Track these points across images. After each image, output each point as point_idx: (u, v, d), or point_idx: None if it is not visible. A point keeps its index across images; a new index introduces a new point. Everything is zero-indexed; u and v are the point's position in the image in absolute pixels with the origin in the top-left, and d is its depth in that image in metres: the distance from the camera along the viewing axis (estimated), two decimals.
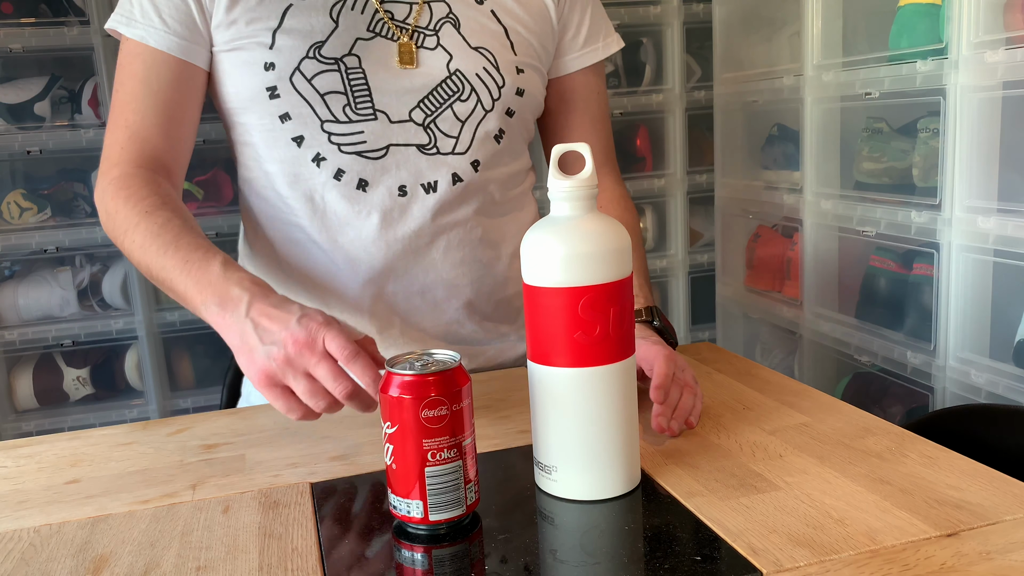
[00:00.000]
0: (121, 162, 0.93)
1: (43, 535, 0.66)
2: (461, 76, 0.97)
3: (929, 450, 0.71)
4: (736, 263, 2.11)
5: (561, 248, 0.62)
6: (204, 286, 0.80)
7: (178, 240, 0.85)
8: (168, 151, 0.95)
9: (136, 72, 0.93)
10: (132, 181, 0.91)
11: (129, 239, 0.88)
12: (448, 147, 0.97)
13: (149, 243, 0.86)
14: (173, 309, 2.20)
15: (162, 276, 0.85)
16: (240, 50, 0.93)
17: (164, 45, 0.92)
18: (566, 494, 0.65)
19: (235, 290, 0.78)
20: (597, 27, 1.09)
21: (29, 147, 2.05)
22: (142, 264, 0.87)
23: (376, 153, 0.95)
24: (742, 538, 0.58)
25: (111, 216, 0.91)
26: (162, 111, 0.93)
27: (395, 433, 0.60)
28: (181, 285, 0.82)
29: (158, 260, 0.85)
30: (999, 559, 0.54)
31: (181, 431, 0.87)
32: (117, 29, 0.94)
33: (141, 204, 0.88)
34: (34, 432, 2.14)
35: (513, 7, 1.01)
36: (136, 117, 0.93)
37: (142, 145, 0.93)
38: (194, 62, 0.94)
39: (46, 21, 2.05)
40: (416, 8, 0.97)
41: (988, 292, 1.34)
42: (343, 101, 0.94)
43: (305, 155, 0.95)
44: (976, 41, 1.27)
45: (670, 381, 0.77)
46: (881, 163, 1.54)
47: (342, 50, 0.94)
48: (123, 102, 0.94)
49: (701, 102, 2.37)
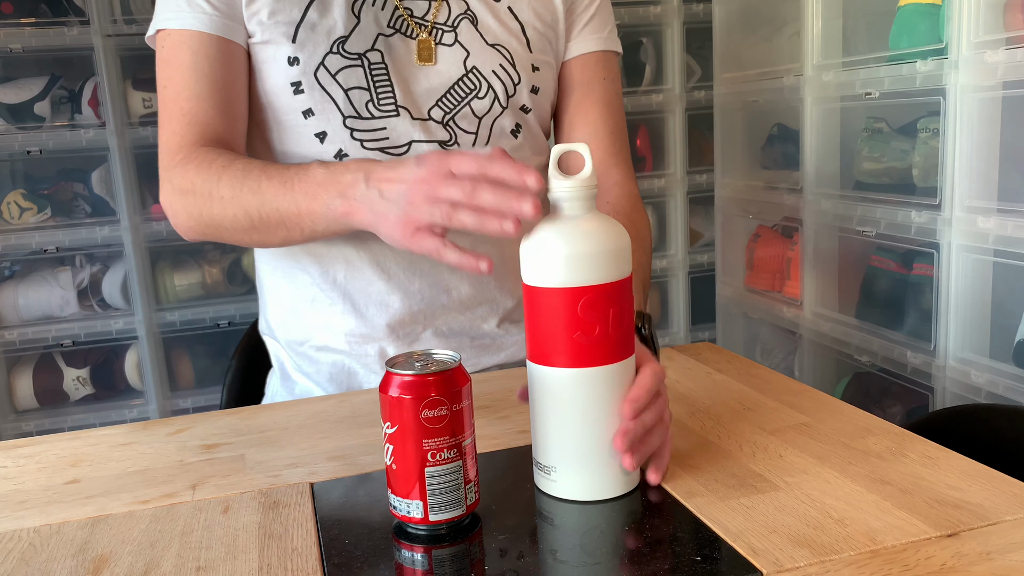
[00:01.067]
0: (184, 146, 0.91)
1: (43, 535, 0.66)
2: (478, 73, 0.97)
3: (929, 450, 0.71)
4: (736, 263, 2.11)
5: (561, 248, 0.62)
6: (315, 189, 0.79)
7: (266, 172, 0.84)
8: (228, 131, 0.93)
9: (184, 61, 0.91)
10: (198, 153, 0.89)
11: (216, 200, 0.86)
12: (468, 143, 0.98)
13: (238, 188, 0.85)
14: (173, 309, 2.20)
15: (266, 211, 0.83)
16: (264, 43, 0.93)
17: (212, 27, 0.91)
18: (566, 494, 0.65)
19: (346, 176, 0.78)
20: (603, 20, 1.07)
21: (29, 147, 2.05)
22: (239, 215, 0.86)
23: (399, 150, 0.95)
24: (742, 538, 0.58)
25: (188, 193, 0.89)
26: (218, 92, 0.92)
27: (395, 433, 0.60)
28: (292, 205, 0.81)
29: (255, 199, 0.83)
30: (999, 559, 0.54)
31: (181, 431, 0.87)
32: (165, 27, 0.92)
33: (215, 164, 0.87)
34: (34, 432, 2.14)
35: (529, 2, 1.01)
36: (191, 103, 0.91)
37: (202, 129, 0.92)
38: (240, 42, 0.93)
39: (46, 21, 2.05)
40: (435, 5, 0.97)
41: (988, 292, 1.34)
42: (366, 97, 0.94)
43: (327, 151, 0.94)
44: (976, 41, 1.27)
45: (649, 397, 0.65)
46: (881, 163, 1.54)
47: (365, 46, 0.94)
48: (175, 92, 0.92)
49: (701, 102, 2.37)
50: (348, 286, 0.98)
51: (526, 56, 1.00)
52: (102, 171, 2.16)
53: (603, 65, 1.07)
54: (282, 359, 1.06)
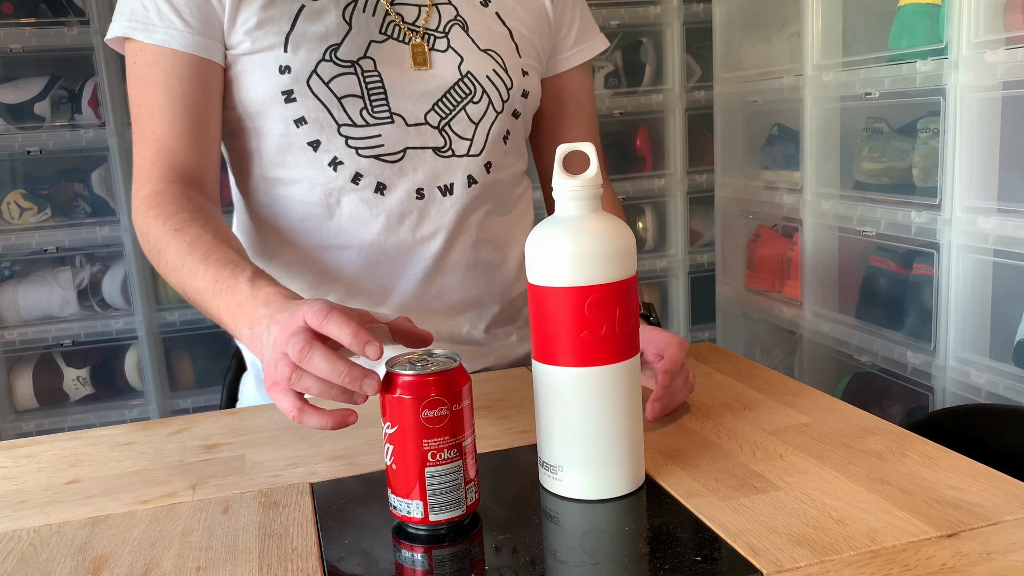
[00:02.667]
0: (151, 179, 0.90)
1: (43, 535, 0.66)
2: (472, 78, 0.97)
3: (929, 450, 0.71)
4: (736, 263, 2.11)
5: (568, 247, 0.62)
6: (235, 309, 0.75)
7: (207, 258, 0.80)
8: (197, 161, 0.92)
9: (156, 80, 0.90)
10: (162, 198, 0.88)
11: (163, 261, 0.85)
12: (463, 149, 0.97)
13: (180, 264, 0.82)
14: (173, 309, 2.20)
15: (197, 300, 0.81)
16: (252, 53, 0.91)
17: (186, 46, 0.89)
18: (571, 494, 0.65)
19: (260, 309, 0.72)
20: (586, 26, 1.10)
21: (29, 147, 2.05)
22: (179, 287, 0.84)
23: (393, 156, 0.95)
24: (742, 538, 0.58)
25: (144, 237, 0.88)
26: (189, 117, 0.90)
27: (395, 433, 0.60)
28: (216, 310, 0.78)
29: (191, 282, 0.81)
30: (999, 559, 0.54)
31: (181, 431, 0.87)
32: (133, 36, 0.90)
33: (170, 222, 0.85)
34: (34, 432, 2.14)
35: (515, 8, 1.02)
36: (162, 129, 0.90)
37: (171, 157, 0.90)
38: (215, 60, 0.91)
39: (46, 21, 2.05)
40: (425, 10, 0.97)
41: (988, 292, 1.34)
42: (359, 105, 0.93)
43: (321, 159, 0.94)
44: (976, 41, 1.27)
45: (679, 368, 0.79)
46: (881, 163, 1.54)
47: (357, 53, 0.93)
48: (146, 115, 0.91)
49: (701, 102, 2.37)
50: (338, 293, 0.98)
51: (516, 61, 1.01)
52: (102, 171, 2.16)
53: (590, 76, 1.12)
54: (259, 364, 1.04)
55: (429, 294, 0.99)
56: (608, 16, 2.23)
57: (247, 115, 0.95)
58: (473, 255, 1.00)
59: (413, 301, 0.99)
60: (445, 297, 1.00)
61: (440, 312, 1.00)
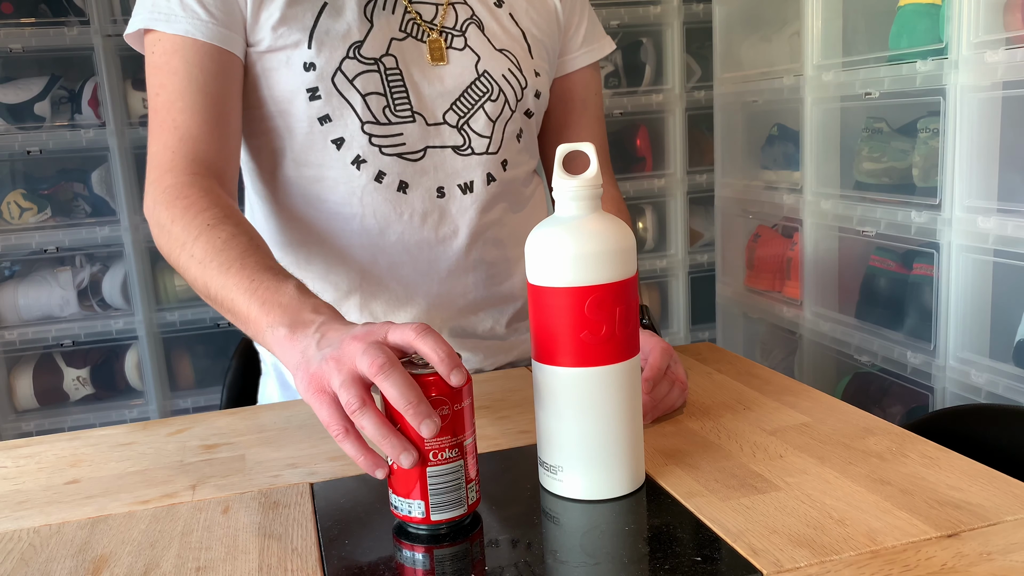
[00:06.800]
0: (174, 168, 0.87)
1: (43, 535, 0.66)
2: (489, 77, 0.98)
3: (929, 450, 0.71)
4: (736, 263, 2.11)
5: (568, 248, 0.62)
6: (273, 307, 0.72)
7: (243, 259, 0.77)
8: (219, 153, 0.90)
9: (177, 69, 0.88)
10: (189, 191, 0.85)
11: (187, 253, 0.81)
12: (482, 147, 0.98)
13: (210, 259, 0.79)
14: (173, 309, 2.20)
15: (221, 295, 0.77)
16: (276, 50, 0.91)
17: (210, 36, 0.88)
18: (572, 494, 0.65)
19: (308, 314, 0.70)
20: (593, 27, 1.11)
21: (29, 147, 2.05)
22: (198, 281, 0.80)
23: (415, 155, 0.95)
24: (742, 538, 0.58)
25: (164, 228, 0.85)
26: (211, 107, 0.88)
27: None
28: (244, 306, 0.74)
29: (218, 278, 0.77)
30: (1000, 560, 0.54)
31: (181, 431, 0.87)
32: (155, 28, 0.88)
33: (201, 216, 0.82)
34: (34, 432, 2.14)
35: (528, 9, 1.03)
36: (184, 116, 0.88)
37: (194, 147, 0.88)
38: (236, 53, 0.90)
39: (46, 21, 2.05)
40: (442, 9, 0.97)
41: (988, 292, 1.34)
42: (383, 103, 0.93)
43: (344, 157, 0.93)
44: (976, 41, 1.27)
45: (661, 375, 0.79)
46: (881, 163, 1.54)
47: (380, 50, 0.93)
48: (168, 102, 0.88)
49: (701, 102, 2.37)
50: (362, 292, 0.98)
51: (529, 62, 1.02)
52: (102, 171, 2.16)
53: (597, 77, 1.12)
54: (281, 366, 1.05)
55: (454, 292, 0.99)
56: (608, 16, 2.23)
57: (273, 114, 0.94)
58: (494, 251, 1.01)
59: (438, 299, 0.99)
60: (469, 294, 1.01)
61: (464, 309, 1.01)
